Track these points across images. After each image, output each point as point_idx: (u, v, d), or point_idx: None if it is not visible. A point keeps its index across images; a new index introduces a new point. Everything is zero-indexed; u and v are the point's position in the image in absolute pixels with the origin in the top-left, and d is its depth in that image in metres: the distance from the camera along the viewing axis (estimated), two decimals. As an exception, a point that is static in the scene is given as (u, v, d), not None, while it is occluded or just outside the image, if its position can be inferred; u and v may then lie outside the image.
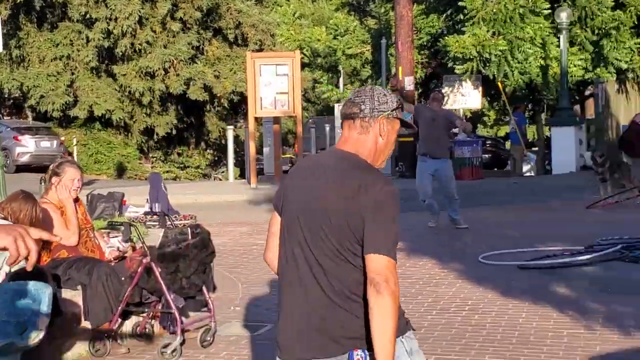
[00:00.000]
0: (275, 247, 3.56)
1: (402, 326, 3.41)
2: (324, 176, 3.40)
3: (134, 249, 7.24)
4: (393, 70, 23.57)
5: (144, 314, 7.14)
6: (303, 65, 28.06)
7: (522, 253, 10.61)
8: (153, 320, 7.18)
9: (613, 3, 21.49)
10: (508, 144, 25.76)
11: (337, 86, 31.48)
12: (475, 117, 37.73)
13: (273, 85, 20.30)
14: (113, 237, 7.91)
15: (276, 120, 21.78)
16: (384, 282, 3.19)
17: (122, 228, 7.29)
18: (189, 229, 7.24)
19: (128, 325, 7.14)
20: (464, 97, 23.53)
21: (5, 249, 2.46)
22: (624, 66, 22.16)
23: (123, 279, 6.80)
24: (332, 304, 3.32)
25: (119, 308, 6.74)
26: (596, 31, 21.69)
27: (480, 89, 23.56)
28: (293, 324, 3.39)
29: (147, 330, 7.20)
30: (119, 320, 6.90)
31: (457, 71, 21.66)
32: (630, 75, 24.35)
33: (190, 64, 29.73)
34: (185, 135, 33.30)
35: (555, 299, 8.36)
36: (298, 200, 3.44)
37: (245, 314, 8.17)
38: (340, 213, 3.30)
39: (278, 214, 3.54)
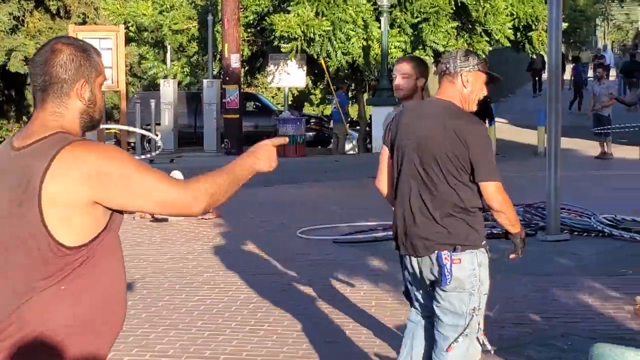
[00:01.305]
0: (385, 175, 4.79)
1: (478, 241, 4.47)
2: (431, 119, 4.49)
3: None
4: (219, 47, 23.64)
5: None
6: (129, 40, 27.73)
7: (339, 228, 11.00)
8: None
9: (431, -12, 22.27)
10: (333, 123, 26.27)
11: (163, 62, 31.21)
12: (302, 96, 38.30)
13: (96, 60, 20.02)
14: None
15: (100, 95, 21.44)
16: (497, 203, 4.39)
17: None
18: None
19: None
20: (289, 76, 23.85)
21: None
22: (441, 49, 22.99)
23: None
24: (431, 218, 4.43)
25: None
26: (415, 15, 22.41)
27: (305, 68, 23.95)
28: (403, 231, 4.57)
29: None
30: None
31: (283, 50, 21.93)
32: (446, 57, 25.25)
33: (10, 35, 28.85)
34: (5, 109, 32.32)
35: (367, 272, 8.74)
36: (411, 138, 4.52)
37: None
38: (446, 147, 4.37)
39: (388, 149, 4.71)
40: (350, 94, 27.85)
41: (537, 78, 38.82)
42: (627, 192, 13.16)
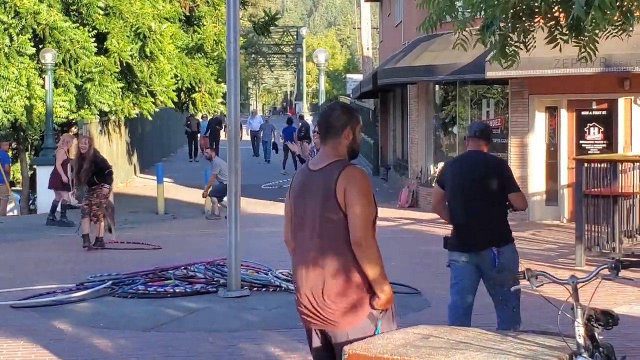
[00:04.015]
0: (441, 205, 7.12)
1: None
2: (477, 165, 6.97)
3: None
4: None
5: None
6: None
7: (16, 292, 10.62)
8: None
9: (96, 49, 22.18)
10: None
11: None
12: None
13: None
14: None
15: None
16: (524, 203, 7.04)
17: None
18: None
19: None
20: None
21: None
22: (107, 108, 22.96)
23: None
24: (488, 225, 6.87)
25: None
26: (80, 74, 22.19)
27: (-38, 126, 22.84)
28: (472, 235, 6.90)
29: None
30: None
31: None
32: (112, 117, 25.24)
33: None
34: None
35: (51, 336, 8.51)
36: (464, 178, 6.93)
37: None
38: (489, 182, 6.84)
39: (441, 188, 7.06)
40: (11, 153, 26.88)
41: (193, 142, 37.64)
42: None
